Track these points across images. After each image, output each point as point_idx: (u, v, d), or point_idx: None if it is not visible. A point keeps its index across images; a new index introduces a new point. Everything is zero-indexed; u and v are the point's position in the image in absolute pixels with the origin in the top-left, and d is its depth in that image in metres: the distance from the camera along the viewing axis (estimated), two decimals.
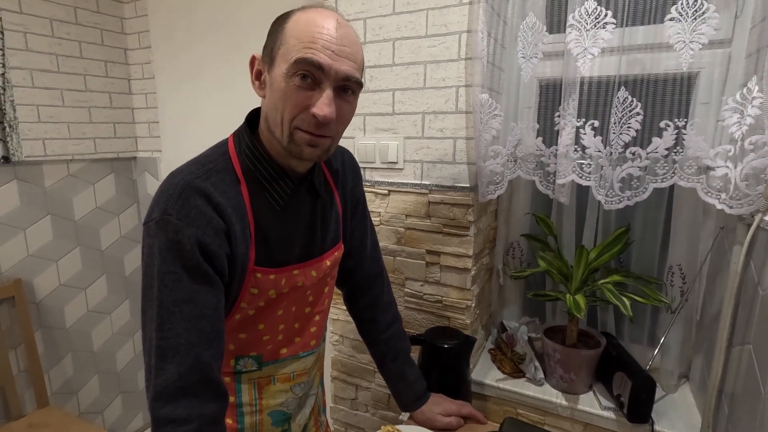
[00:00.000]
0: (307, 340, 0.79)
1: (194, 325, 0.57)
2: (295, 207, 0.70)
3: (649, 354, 1.10)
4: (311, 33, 0.57)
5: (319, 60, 0.57)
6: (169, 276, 0.56)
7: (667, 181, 0.85)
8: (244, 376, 0.73)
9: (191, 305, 0.57)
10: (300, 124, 0.60)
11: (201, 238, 0.57)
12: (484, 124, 0.99)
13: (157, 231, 0.57)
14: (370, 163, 1.17)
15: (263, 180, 0.66)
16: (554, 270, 1.06)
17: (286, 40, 0.59)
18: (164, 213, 0.57)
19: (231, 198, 0.62)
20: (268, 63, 0.62)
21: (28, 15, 1.59)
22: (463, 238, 1.09)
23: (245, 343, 0.71)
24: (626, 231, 1.03)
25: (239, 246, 0.62)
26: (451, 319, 1.15)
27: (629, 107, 0.85)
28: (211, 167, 0.62)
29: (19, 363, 1.65)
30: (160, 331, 0.56)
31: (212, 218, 0.59)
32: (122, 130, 1.96)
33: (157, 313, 0.56)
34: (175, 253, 0.56)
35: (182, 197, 0.58)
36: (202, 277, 0.58)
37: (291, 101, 0.59)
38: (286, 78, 0.58)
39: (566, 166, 0.93)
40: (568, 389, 1.06)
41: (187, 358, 0.56)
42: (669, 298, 1.05)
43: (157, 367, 0.56)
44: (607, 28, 0.84)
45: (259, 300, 0.68)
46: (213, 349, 0.59)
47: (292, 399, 0.80)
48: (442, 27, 1.02)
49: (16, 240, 1.63)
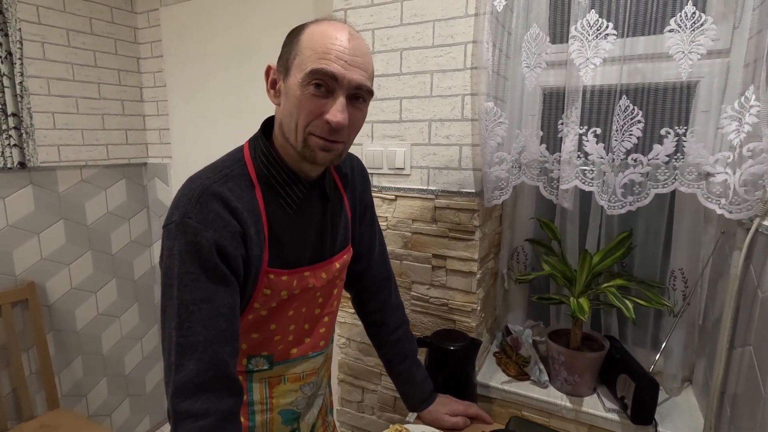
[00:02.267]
0: (316, 340, 0.81)
1: (212, 323, 0.59)
2: (307, 211, 0.73)
3: (653, 357, 1.12)
4: (325, 44, 0.61)
5: (333, 70, 0.60)
6: (188, 276, 0.59)
7: (669, 186, 0.88)
8: (255, 375, 0.76)
9: (209, 304, 0.59)
10: (314, 130, 0.63)
11: (219, 241, 0.60)
12: (489, 132, 1.02)
13: (177, 233, 0.60)
14: (378, 169, 1.20)
15: (276, 184, 0.68)
16: (558, 274, 1.08)
17: (301, 51, 0.62)
18: (184, 216, 0.60)
19: (246, 202, 0.65)
20: (284, 73, 0.65)
21: (46, 26, 1.64)
22: (469, 242, 1.11)
23: (257, 342, 0.74)
24: (629, 236, 1.05)
25: (254, 248, 0.65)
26: (457, 322, 1.17)
27: (631, 115, 0.87)
28: (227, 173, 0.65)
29: (31, 365, 1.68)
30: (180, 329, 0.58)
31: (229, 222, 0.62)
32: (134, 136, 2.00)
33: (177, 311, 0.58)
34: (194, 255, 0.59)
35: (201, 201, 0.61)
36: (219, 277, 0.61)
37: (306, 108, 0.62)
38: (302, 87, 0.61)
39: (569, 172, 0.95)
40: (572, 391, 1.08)
41: (206, 355, 0.58)
42: (671, 301, 1.07)
43: (177, 363, 0.58)
44: (608, 39, 0.87)
45: (272, 301, 0.70)
46: (229, 346, 0.61)
47: (302, 398, 0.82)
48: (449, 38, 1.05)
49: (30, 244, 1.67)
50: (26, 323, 1.65)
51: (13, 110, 1.56)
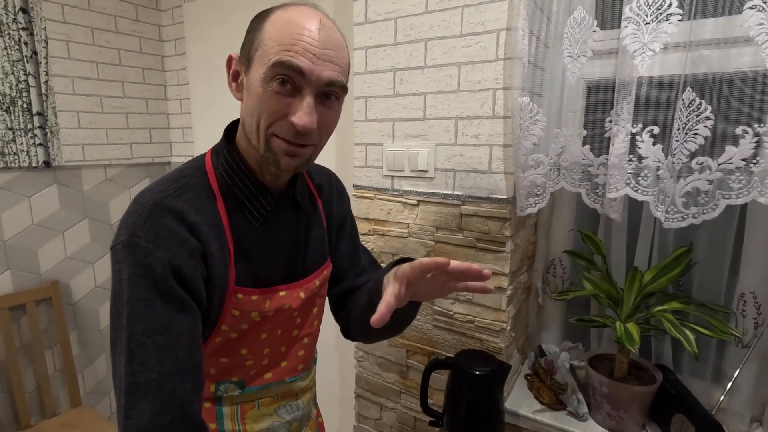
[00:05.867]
0: (293, 364, 0.73)
1: (168, 356, 0.51)
2: (277, 222, 0.65)
3: (713, 392, 0.97)
4: (291, 34, 0.53)
5: (299, 64, 0.53)
6: (139, 303, 0.51)
7: (743, 197, 0.73)
8: (225, 399, 0.68)
9: (165, 334, 0.51)
10: (277, 131, 0.56)
11: (173, 261, 0.52)
12: (523, 131, 0.90)
13: (126, 255, 0.52)
14: (399, 171, 1.10)
15: (241, 195, 0.61)
16: (602, 293, 0.95)
17: (264, 41, 0.54)
18: (132, 235, 0.52)
19: (207, 215, 0.57)
20: (246, 64, 0.57)
21: (71, 24, 1.64)
22: (499, 255, 0.99)
23: (227, 367, 0.66)
24: (688, 251, 0.91)
25: (217, 266, 0.57)
26: (484, 341, 1.05)
27: (697, 111, 0.74)
28: (184, 183, 0.58)
29: (54, 362, 1.70)
30: (130, 366, 0.50)
31: (185, 239, 0.54)
32: (157, 135, 1.99)
33: (126, 345, 0.50)
34: (146, 279, 0.51)
35: (151, 217, 0.53)
36: (176, 302, 0.53)
37: (268, 108, 0.55)
38: (264, 82, 0.54)
39: (619, 178, 0.82)
40: (616, 428, 0.94)
41: (161, 394, 0.50)
42: (740, 330, 0.91)
43: (127, 406, 0.49)
44: (671, 20, 0.73)
45: (242, 323, 0.62)
46: (190, 381, 0.53)
47: (279, 424, 0.73)
48: (479, 25, 0.94)
49: (55, 242, 1.68)
50: (50, 321, 1.66)
51: (39, 109, 1.56)
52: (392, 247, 1.15)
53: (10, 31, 1.47)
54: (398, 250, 1.14)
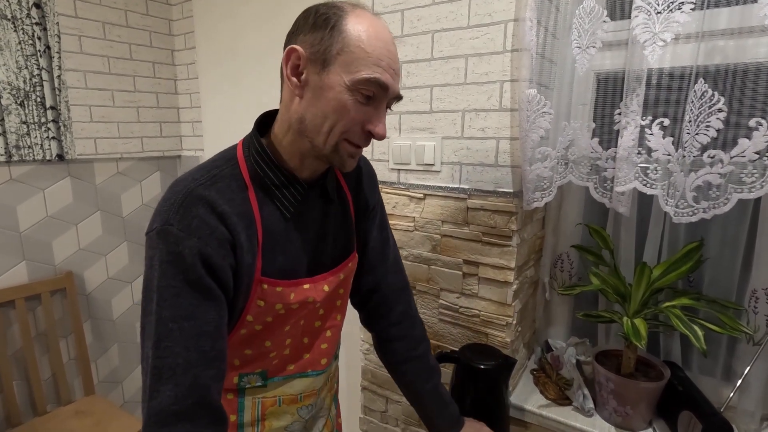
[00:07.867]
0: (316, 357, 0.73)
1: (193, 343, 0.53)
2: (306, 213, 0.66)
3: (722, 389, 0.95)
4: (378, 49, 0.56)
5: (387, 83, 0.57)
6: (168, 290, 0.53)
7: (756, 191, 0.71)
8: (248, 391, 0.69)
9: (191, 322, 0.53)
10: (351, 137, 0.59)
11: (203, 250, 0.53)
12: (531, 123, 0.89)
13: (158, 242, 0.53)
14: (405, 164, 1.10)
15: (272, 186, 0.62)
16: (609, 289, 0.94)
17: (349, 47, 0.55)
18: (165, 223, 0.54)
19: (237, 205, 0.58)
20: (320, 64, 0.56)
21: (83, 19, 1.66)
22: (505, 249, 0.99)
23: (251, 359, 0.67)
24: (698, 246, 0.89)
25: (245, 256, 0.58)
26: (490, 336, 1.05)
27: (709, 102, 0.72)
28: (216, 173, 0.59)
29: (69, 351, 1.74)
30: (157, 350, 0.52)
31: (215, 228, 0.55)
32: (168, 129, 2.01)
33: (155, 329, 0.52)
34: (176, 266, 0.53)
35: (184, 206, 0.54)
36: (203, 291, 0.54)
37: (349, 115, 0.57)
38: (349, 91, 0.56)
39: (627, 172, 0.81)
40: (622, 424, 0.93)
41: (185, 380, 0.52)
42: (751, 327, 0.89)
43: (152, 388, 0.52)
44: (683, 9, 0.71)
45: (267, 315, 0.63)
46: (213, 369, 0.54)
47: (298, 423, 0.74)
48: (486, 16, 0.92)
49: (69, 234, 1.71)
50: (64, 311, 1.70)
51: (52, 103, 1.59)
52: (398, 240, 1.15)
53: (24, 26, 1.50)
54: (404, 243, 1.14)
